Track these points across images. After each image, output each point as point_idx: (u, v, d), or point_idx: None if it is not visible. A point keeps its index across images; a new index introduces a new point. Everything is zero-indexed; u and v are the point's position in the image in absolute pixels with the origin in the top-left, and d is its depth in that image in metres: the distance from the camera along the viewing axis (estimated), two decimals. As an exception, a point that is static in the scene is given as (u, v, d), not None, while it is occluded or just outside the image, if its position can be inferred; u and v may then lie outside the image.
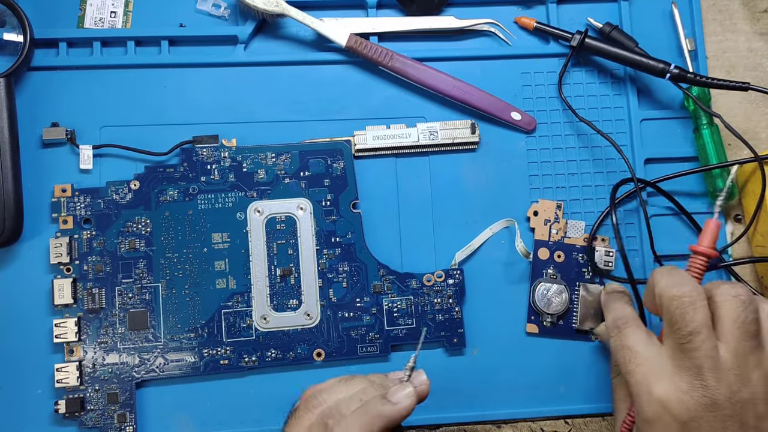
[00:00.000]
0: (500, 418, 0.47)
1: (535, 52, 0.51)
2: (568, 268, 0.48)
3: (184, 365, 0.45)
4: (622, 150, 0.47)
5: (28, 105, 0.48)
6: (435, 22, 0.50)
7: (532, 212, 0.49)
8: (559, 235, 0.48)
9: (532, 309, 0.48)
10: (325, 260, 0.47)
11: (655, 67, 0.48)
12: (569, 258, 0.48)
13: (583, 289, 0.48)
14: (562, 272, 0.48)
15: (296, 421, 0.38)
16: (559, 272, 0.48)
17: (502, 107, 0.49)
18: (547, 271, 0.48)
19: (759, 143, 0.52)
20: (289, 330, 0.46)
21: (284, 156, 0.48)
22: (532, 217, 0.49)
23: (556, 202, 0.49)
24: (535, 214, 0.49)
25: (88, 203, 0.46)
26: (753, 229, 0.49)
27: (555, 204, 0.49)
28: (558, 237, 0.48)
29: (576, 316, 0.47)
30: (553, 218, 0.48)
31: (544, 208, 0.49)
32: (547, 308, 0.47)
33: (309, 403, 0.38)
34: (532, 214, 0.49)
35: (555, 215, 0.48)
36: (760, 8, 0.53)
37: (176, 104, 0.49)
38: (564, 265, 0.48)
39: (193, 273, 0.46)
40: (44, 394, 0.45)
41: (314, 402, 0.38)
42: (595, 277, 0.48)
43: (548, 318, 0.47)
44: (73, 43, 0.49)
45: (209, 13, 0.50)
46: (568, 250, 0.48)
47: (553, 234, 0.48)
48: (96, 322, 0.45)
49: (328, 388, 0.39)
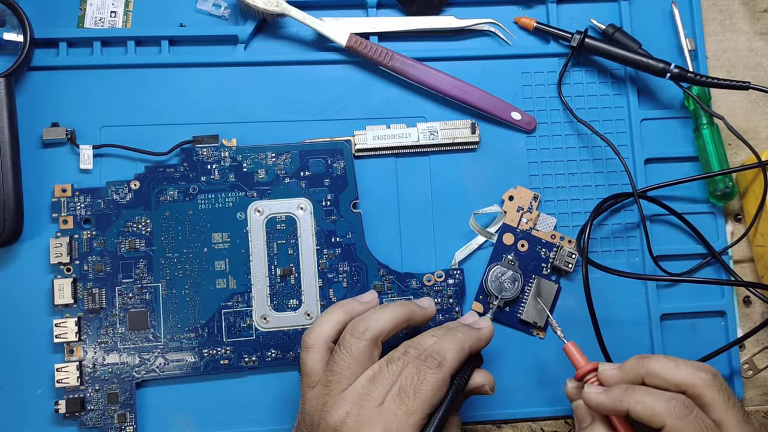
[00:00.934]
0: (500, 418, 0.48)
1: (535, 52, 0.51)
2: (529, 259, 0.48)
3: (184, 365, 0.45)
4: (619, 151, 0.47)
5: (28, 105, 0.48)
6: (435, 22, 0.50)
7: (508, 196, 0.49)
8: (529, 226, 0.48)
9: (483, 288, 0.48)
10: (326, 260, 0.47)
11: (656, 66, 0.48)
12: (532, 249, 0.48)
13: (537, 283, 0.48)
14: (522, 261, 0.48)
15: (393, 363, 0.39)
16: (519, 260, 0.48)
17: (502, 107, 0.49)
18: (507, 257, 0.48)
19: (759, 143, 0.52)
20: (289, 330, 0.46)
21: (284, 156, 0.48)
22: (506, 200, 0.49)
23: (534, 192, 0.49)
24: (510, 199, 0.49)
25: (89, 203, 0.46)
26: (754, 229, 0.49)
27: (532, 194, 0.49)
28: (527, 227, 0.48)
29: (523, 307, 0.48)
30: (527, 207, 0.49)
31: (521, 195, 0.49)
32: (498, 292, 0.47)
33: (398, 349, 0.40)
34: (507, 198, 0.49)
35: (530, 205, 0.49)
36: (760, 8, 0.53)
37: (176, 104, 0.49)
38: (525, 255, 0.48)
39: (193, 273, 0.46)
40: (44, 394, 0.45)
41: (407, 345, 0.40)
42: (552, 275, 0.48)
43: (496, 301, 0.47)
44: (73, 42, 0.49)
45: (209, 13, 0.50)
46: (533, 241, 0.48)
47: (522, 222, 0.48)
48: (96, 322, 0.45)
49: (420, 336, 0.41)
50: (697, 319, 0.49)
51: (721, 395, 0.36)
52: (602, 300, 0.49)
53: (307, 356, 0.40)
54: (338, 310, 0.41)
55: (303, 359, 0.40)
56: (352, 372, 0.38)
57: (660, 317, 0.48)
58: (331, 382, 0.38)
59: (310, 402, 0.39)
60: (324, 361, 0.40)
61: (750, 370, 0.49)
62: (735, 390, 0.48)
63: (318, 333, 0.40)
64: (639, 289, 0.49)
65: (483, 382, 0.41)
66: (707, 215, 0.50)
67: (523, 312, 0.48)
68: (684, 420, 0.35)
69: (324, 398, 0.38)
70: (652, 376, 0.37)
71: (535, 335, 0.48)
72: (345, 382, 0.38)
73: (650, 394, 0.37)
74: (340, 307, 0.42)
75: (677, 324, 0.49)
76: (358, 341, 0.39)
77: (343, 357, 0.38)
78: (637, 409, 0.36)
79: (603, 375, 0.40)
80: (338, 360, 0.39)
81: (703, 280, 0.45)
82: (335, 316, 0.41)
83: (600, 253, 0.49)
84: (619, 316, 0.49)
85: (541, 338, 0.48)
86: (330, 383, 0.38)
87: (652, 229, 0.49)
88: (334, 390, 0.38)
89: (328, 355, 0.40)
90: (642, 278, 0.47)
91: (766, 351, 0.50)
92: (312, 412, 0.39)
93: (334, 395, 0.38)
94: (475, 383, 0.41)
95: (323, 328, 0.40)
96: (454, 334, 0.40)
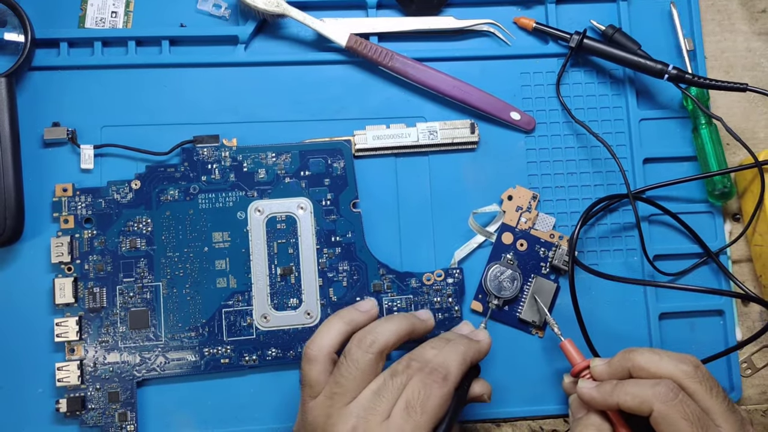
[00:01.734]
0: (499, 417, 0.48)
1: (534, 52, 0.51)
2: (528, 258, 0.48)
3: (184, 364, 0.45)
4: (618, 152, 0.48)
5: (29, 105, 0.48)
6: (435, 22, 0.50)
7: (507, 196, 0.49)
8: (528, 225, 0.49)
9: (482, 288, 0.48)
10: (326, 259, 0.47)
11: (653, 67, 0.48)
12: (531, 249, 0.48)
13: (537, 283, 0.48)
14: (521, 261, 0.48)
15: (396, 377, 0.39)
16: (518, 260, 0.48)
17: (502, 107, 0.50)
18: (506, 256, 0.48)
19: (757, 143, 0.52)
20: (289, 329, 0.46)
21: (284, 156, 0.48)
22: (505, 200, 0.49)
23: (533, 192, 0.49)
24: (509, 198, 0.49)
25: (89, 203, 0.46)
26: (752, 228, 0.49)
27: (531, 194, 0.49)
28: (526, 226, 0.49)
29: (522, 306, 0.48)
30: (526, 207, 0.49)
31: (520, 195, 0.49)
32: (497, 291, 0.47)
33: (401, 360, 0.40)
34: (506, 198, 0.49)
35: (528, 204, 0.49)
36: (758, 8, 0.54)
37: (177, 104, 0.49)
38: (524, 255, 0.48)
39: (193, 272, 0.46)
40: (45, 393, 0.45)
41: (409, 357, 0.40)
42: (551, 274, 0.48)
43: (495, 301, 0.47)
44: (74, 43, 0.49)
45: (210, 13, 0.50)
46: (532, 240, 0.49)
47: (521, 222, 0.49)
48: (97, 321, 0.45)
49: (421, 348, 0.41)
50: (695, 319, 0.49)
51: (703, 386, 0.37)
52: (602, 300, 0.49)
53: (309, 367, 0.40)
54: (339, 321, 0.41)
55: (305, 370, 0.40)
56: (357, 385, 0.38)
57: (659, 316, 0.48)
58: (336, 395, 0.38)
59: (311, 412, 0.39)
60: (327, 373, 0.40)
61: (749, 369, 0.49)
62: (735, 390, 0.49)
63: (321, 345, 0.40)
64: (638, 289, 0.49)
65: (482, 392, 0.42)
66: (705, 215, 0.50)
67: (522, 311, 0.48)
68: (670, 403, 0.36)
69: (328, 410, 0.38)
70: (637, 369, 0.39)
71: (534, 334, 0.48)
72: (350, 395, 0.38)
73: (636, 385, 0.38)
74: (341, 318, 0.42)
75: (676, 323, 0.49)
76: (365, 354, 0.39)
77: (350, 369, 0.39)
78: (626, 401, 0.38)
79: (594, 371, 0.41)
80: (344, 372, 0.39)
81: (694, 288, 0.43)
82: (337, 327, 0.41)
83: (599, 252, 0.49)
84: (618, 315, 0.49)
85: (540, 337, 0.48)
86: (334, 395, 0.38)
87: (650, 229, 0.50)
88: (338, 402, 0.38)
89: (331, 366, 0.40)
90: (625, 281, 0.45)
91: (764, 350, 0.50)
92: (315, 423, 0.39)
93: (339, 408, 0.38)
94: (474, 393, 0.41)
95: (326, 340, 0.41)
96: (456, 346, 0.40)
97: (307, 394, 0.40)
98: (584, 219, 0.46)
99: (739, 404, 0.49)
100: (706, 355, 0.46)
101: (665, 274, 0.49)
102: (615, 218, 0.50)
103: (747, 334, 0.49)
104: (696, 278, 0.50)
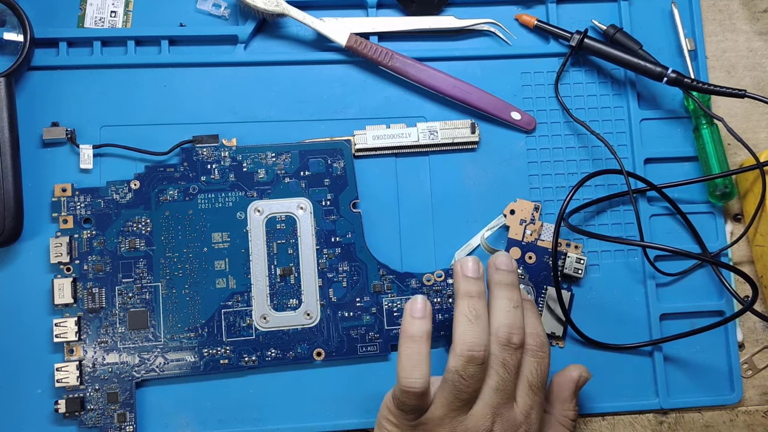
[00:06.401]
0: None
1: (535, 51, 0.51)
2: (538, 270, 0.48)
3: (184, 365, 0.45)
4: (619, 151, 0.47)
5: (28, 104, 0.48)
6: (435, 22, 0.50)
7: (509, 210, 0.49)
8: (533, 237, 0.48)
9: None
10: (325, 260, 0.47)
11: (653, 71, 0.48)
12: (540, 260, 0.48)
13: (551, 294, 0.48)
14: (531, 274, 0.48)
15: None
16: (528, 273, 0.48)
17: (502, 107, 0.49)
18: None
19: (758, 143, 0.52)
20: (289, 329, 0.46)
21: (284, 156, 0.48)
22: (508, 215, 0.49)
23: (534, 203, 0.49)
24: (512, 213, 0.49)
25: (88, 203, 0.46)
26: (753, 229, 0.49)
27: (533, 205, 0.48)
28: (532, 238, 0.48)
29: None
30: (529, 219, 0.48)
31: (521, 208, 0.49)
32: None
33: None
34: (509, 212, 0.49)
35: (531, 216, 0.48)
36: (759, 8, 0.53)
37: (176, 104, 0.49)
38: (534, 267, 0.48)
39: (193, 272, 0.46)
40: (44, 394, 0.45)
41: None
42: (563, 283, 0.48)
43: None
44: (73, 42, 0.49)
45: (209, 13, 0.50)
46: (540, 252, 0.48)
47: (527, 235, 0.48)
48: (96, 322, 0.45)
49: None
50: (696, 319, 0.49)
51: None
52: (602, 299, 0.49)
53: (419, 401, 0.38)
54: (414, 343, 0.39)
55: (413, 404, 0.38)
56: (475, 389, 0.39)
57: (660, 317, 0.48)
58: (457, 409, 0.39)
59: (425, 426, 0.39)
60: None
61: (749, 370, 0.49)
62: (734, 389, 0.49)
63: (423, 373, 0.38)
64: (639, 289, 0.49)
65: (580, 373, 0.44)
66: (707, 215, 0.50)
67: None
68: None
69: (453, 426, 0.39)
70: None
71: (555, 345, 0.48)
72: (470, 404, 0.39)
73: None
74: (412, 338, 0.39)
75: (677, 323, 0.49)
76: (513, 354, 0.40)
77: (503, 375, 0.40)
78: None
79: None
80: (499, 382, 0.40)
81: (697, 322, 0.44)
82: (417, 349, 0.39)
83: (599, 252, 0.49)
84: (619, 315, 0.49)
85: (561, 347, 0.48)
86: (455, 410, 0.39)
87: (652, 228, 0.49)
88: (460, 414, 0.39)
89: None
90: (619, 241, 0.47)
91: (765, 351, 0.50)
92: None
93: (461, 420, 0.39)
94: (572, 377, 0.44)
95: (426, 369, 0.38)
96: (529, 310, 0.42)
97: (403, 423, 0.39)
98: (572, 193, 0.46)
99: (739, 405, 0.49)
100: (706, 355, 0.46)
101: (666, 275, 0.48)
102: (615, 218, 0.50)
103: (747, 335, 0.49)
104: (696, 278, 0.49)
